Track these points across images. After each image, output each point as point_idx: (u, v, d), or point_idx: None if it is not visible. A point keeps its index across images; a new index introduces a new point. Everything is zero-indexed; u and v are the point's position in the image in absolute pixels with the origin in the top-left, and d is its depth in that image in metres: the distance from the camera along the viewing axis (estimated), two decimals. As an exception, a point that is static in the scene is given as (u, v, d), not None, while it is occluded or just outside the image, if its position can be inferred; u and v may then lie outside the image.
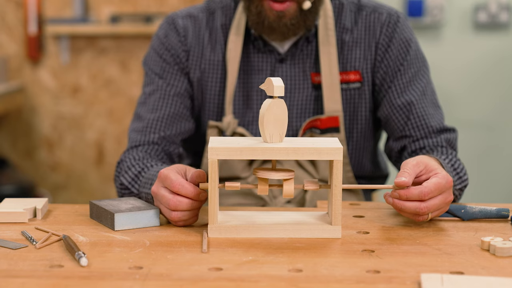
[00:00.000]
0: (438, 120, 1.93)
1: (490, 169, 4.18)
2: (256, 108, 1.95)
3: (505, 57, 4.14)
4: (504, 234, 1.51)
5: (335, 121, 1.93)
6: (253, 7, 1.88)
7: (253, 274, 1.29)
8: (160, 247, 1.43)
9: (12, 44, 4.20)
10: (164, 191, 1.55)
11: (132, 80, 4.19)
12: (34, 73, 4.21)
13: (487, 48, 4.14)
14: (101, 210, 1.58)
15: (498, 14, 4.07)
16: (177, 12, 2.03)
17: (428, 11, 4.07)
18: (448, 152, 1.87)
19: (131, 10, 4.14)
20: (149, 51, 2.02)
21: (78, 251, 1.35)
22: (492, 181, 4.18)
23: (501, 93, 4.17)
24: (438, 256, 1.39)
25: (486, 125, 4.18)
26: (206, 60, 1.97)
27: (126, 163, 1.83)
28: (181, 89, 1.96)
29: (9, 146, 4.27)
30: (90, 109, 4.23)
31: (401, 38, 1.97)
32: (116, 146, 4.24)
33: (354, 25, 1.98)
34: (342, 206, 1.53)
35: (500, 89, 4.16)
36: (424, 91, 1.95)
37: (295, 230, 1.51)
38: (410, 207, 1.51)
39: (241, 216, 1.57)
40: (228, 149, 1.48)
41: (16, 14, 4.17)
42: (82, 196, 4.25)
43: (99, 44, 4.18)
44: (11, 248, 1.42)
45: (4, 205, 1.64)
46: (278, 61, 1.96)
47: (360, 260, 1.36)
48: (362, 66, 1.96)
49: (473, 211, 1.63)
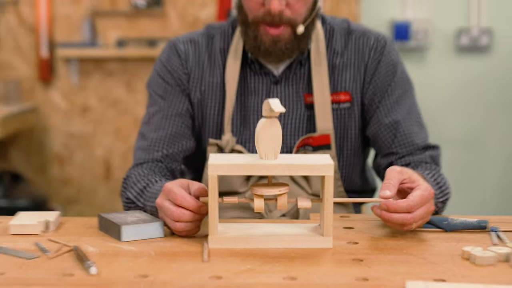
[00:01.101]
0: (422, 138, 1.94)
1: (473, 183, 4.18)
2: (253, 127, 1.95)
3: (486, 78, 4.15)
4: (484, 244, 1.51)
5: (327, 139, 1.94)
6: (250, 32, 1.88)
7: (250, 282, 1.30)
8: (164, 257, 1.44)
9: (25, 67, 4.20)
10: (168, 204, 1.55)
11: (137, 100, 4.19)
12: (46, 94, 4.21)
13: (469, 70, 4.15)
14: (109, 223, 1.59)
15: (479, 38, 4.09)
16: (178, 37, 2.03)
17: (414, 35, 4.08)
18: (432, 168, 1.88)
19: (136, 35, 4.15)
20: (152, 74, 2.02)
21: (88, 260, 1.36)
22: (473, 193, 4.18)
23: (482, 112, 4.17)
24: (422, 265, 1.40)
25: (467, 141, 4.18)
26: (205, 82, 1.98)
27: (132, 179, 1.83)
28: (182, 110, 1.96)
29: (23, 162, 4.27)
30: (98, 128, 4.23)
31: (388, 61, 1.97)
32: (122, 163, 4.24)
33: (344, 48, 1.99)
34: (333, 218, 1.53)
35: (481, 108, 4.17)
36: (410, 111, 1.96)
37: (290, 241, 1.51)
38: (398, 219, 1.51)
39: (239, 228, 1.57)
40: (227, 166, 1.49)
41: (29, 39, 4.18)
42: (91, 209, 4.25)
43: (107, 67, 4.19)
44: (25, 258, 1.43)
45: (18, 218, 1.64)
46: (273, 83, 1.97)
47: (350, 269, 1.37)
48: (352, 87, 1.97)
49: (454, 222, 1.63)
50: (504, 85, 4.15)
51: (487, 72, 4.15)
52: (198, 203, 1.53)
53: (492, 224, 1.65)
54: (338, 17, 2.05)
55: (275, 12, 1.81)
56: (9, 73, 4.20)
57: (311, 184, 1.94)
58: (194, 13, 4.13)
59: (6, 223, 1.65)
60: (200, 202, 1.53)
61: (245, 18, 1.89)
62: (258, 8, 1.84)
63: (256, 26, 1.86)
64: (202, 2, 4.12)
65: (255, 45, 1.89)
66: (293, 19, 1.85)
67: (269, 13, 1.82)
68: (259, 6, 1.84)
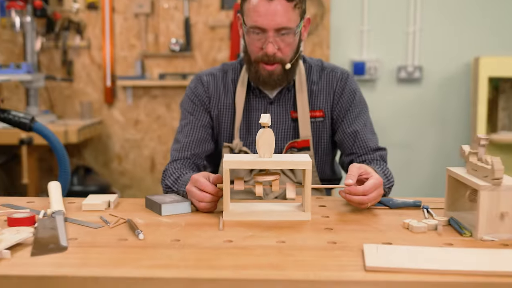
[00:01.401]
0: (374, 142, 1.93)
1: (410, 174, 4.18)
2: (255, 134, 1.94)
3: (418, 101, 4.15)
4: (418, 217, 1.50)
5: (307, 143, 1.93)
6: (252, 68, 1.88)
7: (253, 244, 1.29)
8: (191, 227, 1.43)
9: (95, 93, 4.20)
10: (195, 189, 1.55)
11: (173, 116, 4.18)
12: (109, 112, 4.21)
13: (406, 95, 4.15)
14: (153, 202, 1.58)
15: (413, 72, 4.08)
16: (202, 72, 2.03)
17: (367, 71, 4.07)
18: (381, 164, 1.87)
19: (172, 70, 4.14)
20: (184, 97, 2.02)
21: (138, 229, 1.36)
22: (410, 182, 4.17)
23: (416, 124, 4.17)
24: (374, 233, 1.39)
25: (406, 145, 4.18)
26: (221, 103, 1.97)
27: (169, 171, 1.82)
28: (205, 122, 1.95)
29: (92, 159, 4.26)
30: (145, 135, 4.22)
31: (350, 89, 1.97)
32: (163, 160, 4.23)
33: (319, 79, 1.98)
34: (311, 199, 1.53)
35: (415, 121, 4.17)
36: (365, 123, 1.95)
37: (280, 215, 1.50)
38: (357, 199, 1.51)
39: (244, 206, 1.57)
40: (237, 162, 1.49)
41: (98, 73, 4.17)
42: (141, 193, 4.24)
43: (152, 93, 4.18)
44: (93, 227, 1.42)
45: (88, 199, 1.64)
46: (269, 103, 1.96)
47: (323, 235, 1.36)
48: (325, 107, 1.96)
49: (397, 202, 1.63)
50: (431, 106, 4.15)
51: (419, 97, 4.15)
52: (216, 189, 1.52)
53: (424, 203, 1.64)
54: (314, 58, 2.05)
55: (270, 54, 1.81)
56: (84, 98, 4.20)
57: (296, 175, 1.93)
58: (213, 55, 4.13)
59: (80, 202, 1.64)
60: (217, 188, 1.52)
61: (249, 58, 1.88)
62: (258, 51, 1.84)
63: (256, 64, 1.86)
64: (219, 47, 4.11)
65: (256, 77, 1.88)
66: (283, 59, 1.84)
67: (266, 55, 1.82)
68: (258, 49, 1.83)
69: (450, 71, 4.11)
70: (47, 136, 2.20)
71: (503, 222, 1.30)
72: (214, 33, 4.10)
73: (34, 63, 3.82)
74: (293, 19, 1.79)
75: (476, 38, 4.06)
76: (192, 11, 4.09)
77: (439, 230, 1.38)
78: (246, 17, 1.82)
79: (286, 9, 1.76)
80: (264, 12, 1.76)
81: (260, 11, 1.76)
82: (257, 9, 1.77)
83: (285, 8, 1.76)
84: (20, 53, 4.11)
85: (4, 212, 1.52)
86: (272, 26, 1.77)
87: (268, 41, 1.79)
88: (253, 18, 1.78)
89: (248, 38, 1.84)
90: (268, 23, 1.76)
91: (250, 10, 1.79)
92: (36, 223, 1.41)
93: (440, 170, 4.14)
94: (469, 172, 1.42)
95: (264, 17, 1.76)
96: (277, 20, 1.76)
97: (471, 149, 1.43)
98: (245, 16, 1.83)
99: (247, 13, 1.81)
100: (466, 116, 4.11)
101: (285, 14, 1.76)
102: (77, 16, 4.12)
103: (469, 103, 4.09)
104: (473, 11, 4.05)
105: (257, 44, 1.82)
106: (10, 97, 4.19)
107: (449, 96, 4.13)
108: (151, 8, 4.07)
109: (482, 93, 3.71)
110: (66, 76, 4.15)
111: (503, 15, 4.04)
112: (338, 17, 4.09)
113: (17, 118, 2.19)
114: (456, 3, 4.04)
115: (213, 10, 4.08)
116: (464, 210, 1.48)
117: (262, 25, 1.77)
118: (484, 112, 3.71)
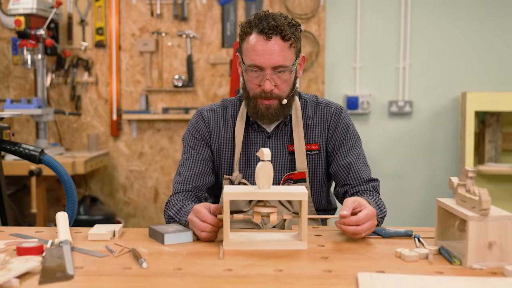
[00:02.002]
0: (367, 174, 1.93)
1: (401, 203, 4.17)
2: (253, 166, 1.94)
3: (408, 134, 4.16)
4: (410, 246, 1.50)
5: (303, 175, 1.93)
6: (251, 103, 1.88)
7: (252, 273, 1.29)
8: (193, 256, 1.43)
9: (102, 126, 4.21)
10: (196, 219, 1.55)
11: (176, 148, 4.19)
12: (115, 144, 4.21)
13: (397, 128, 4.16)
14: (156, 232, 1.58)
15: (403, 107, 4.10)
16: (203, 107, 2.03)
17: (360, 105, 4.09)
18: (374, 195, 1.87)
19: (175, 105, 4.16)
20: (186, 132, 2.01)
21: (141, 258, 1.35)
22: (402, 211, 4.16)
23: (407, 156, 4.17)
24: (368, 261, 1.38)
25: (397, 175, 4.18)
26: (221, 137, 1.97)
27: (172, 203, 1.82)
28: (205, 156, 1.95)
29: (98, 189, 4.25)
30: (149, 166, 4.22)
31: (343, 123, 1.97)
32: (166, 190, 4.22)
33: (314, 114, 1.98)
34: (307, 229, 1.52)
35: (406, 153, 4.17)
36: (358, 156, 1.95)
37: (278, 245, 1.50)
38: (351, 230, 1.51)
39: (244, 236, 1.56)
40: (236, 194, 1.49)
41: (104, 107, 4.19)
42: (145, 221, 4.22)
43: (156, 126, 4.19)
44: (99, 256, 1.42)
45: (94, 229, 1.64)
46: (267, 137, 1.96)
47: (319, 264, 1.36)
48: (320, 140, 1.96)
49: (389, 231, 1.62)
50: (421, 138, 4.16)
51: (410, 130, 4.16)
52: (216, 220, 1.52)
53: (415, 233, 1.64)
54: (309, 94, 2.06)
55: (267, 90, 1.82)
56: (91, 130, 4.21)
57: (293, 205, 1.92)
58: (214, 90, 4.15)
59: (86, 232, 1.64)
60: (218, 219, 1.52)
61: (247, 95, 1.89)
62: (256, 88, 1.85)
63: (255, 99, 1.87)
64: (219, 83, 4.14)
65: (254, 112, 1.89)
66: (280, 95, 1.85)
67: (264, 91, 1.83)
68: (256, 86, 1.84)
69: (439, 106, 4.13)
70: (55, 168, 2.21)
71: (491, 251, 1.30)
72: (215, 70, 4.13)
73: (44, 98, 3.85)
74: (289, 58, 1.81)
75: (463, 74, 4.10)
76: (194, 49, 4.13)
77: (430, 258, 1.37)
78: (245, 56, 1.84)
79: (282, 48, 1.79)
80: (262, 51, 1.78)
81: (258, 51, 1.78)
82: (255, 49, 1.79)
83: (281, 48, 1.78)
84: (31, 88, 4.13)
85: (14, 242, 1.52)
86: (269, 64, 1.79)
87: (265, 78, 1.81)
88: (251, 57, 1.80)
89: (247, 76, 1.86)
90: (265, 61, 1.78)
91: (248, 49, 1.81)
92: (44, 252, 1.41)
93: (431, 200, 4.13)
94: (458, 203, 1.42)
95: (261, 56, 1.78)
96: (274, 59, 1.78)
97: (460, 180, 1.44)
98: (243, 55, 1.85)
99: (246, 52, 1.83)
100: (455, 148, 4.13)
101: (281, 53, 1.79)
102: (86, 53, 4.16)
103: (457, 136, 4.10)
104: (460, 49, 4.09)
105: (255, 81, 1.84)
106: (21, 130, 4.21)
107: (438, 129, 4.15)
108: (156, 46, 4.11)
109: (470, 126, 3.73)
110: (75, 110, 4.17)
111: (488, 52, 4.08)
112: (332, 55, 4.14)
113: (27, 151, 2.20)
114: (444, 40, 4.09)
115: (214, 48, 4.12)
116: (453, 240, 1.48)
117: (260, 63, 1.79)
118: (471, 144, 3.72)
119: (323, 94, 4.06)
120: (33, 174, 3.45)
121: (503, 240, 1.30)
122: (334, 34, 4.12)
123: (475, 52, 4.08)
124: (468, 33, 4.08)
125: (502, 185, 4.07)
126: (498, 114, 4.00)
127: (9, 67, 4.17)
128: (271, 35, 1.77)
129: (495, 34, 4.07)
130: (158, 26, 4.13)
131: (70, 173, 3.46)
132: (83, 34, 4.14)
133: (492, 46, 4.08)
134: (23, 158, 2.22)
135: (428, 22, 4.09)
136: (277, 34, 1.78)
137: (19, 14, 3.59)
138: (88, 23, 4.15)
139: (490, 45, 4.08)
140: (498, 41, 4.07)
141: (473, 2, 4.07)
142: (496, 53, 4.08)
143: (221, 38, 4.11)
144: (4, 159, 3.47)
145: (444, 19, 4.08)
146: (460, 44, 4.09)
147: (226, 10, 4.08)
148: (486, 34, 4.07)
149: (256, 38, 1.79)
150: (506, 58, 4.08)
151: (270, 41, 1.77)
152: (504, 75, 4.09)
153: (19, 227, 1.74)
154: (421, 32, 4.09)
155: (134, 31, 4.14)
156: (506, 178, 4.06)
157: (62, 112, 3.93)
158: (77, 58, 4.13)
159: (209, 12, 4.10)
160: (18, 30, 3.59)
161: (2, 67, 4.17)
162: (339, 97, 4.12)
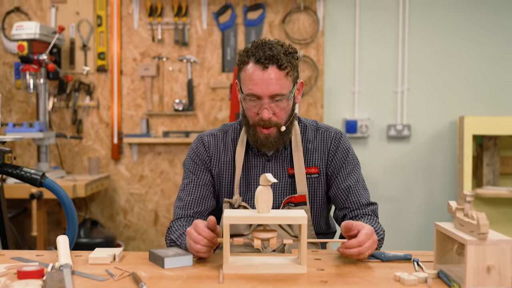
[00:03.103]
0: (366, 197, 1.94)
1: (400, 226, 4.16)
2: (253, 190, 1.94)
3: (406, 157, 4.17)
4: (409, 270, 1.50)
5: (303, 198, 1.93)
6: (250, 130, 1.89)
7: (251, 297, 1.28)
8: (193, 279, 1.42)
9: (102, 149, 4.22)
10: (193, 231, 1.57)
11: (176, 172, 4.19)
12: (116, 167, 4.22)
13: (396, 152, 4.17)
14: (156, 255, 1.58)
15: (402, 130, 4.12)
16: (204, 133, 2.04)
17: (359, 129, 4.11)
18: (372, 218, 1.87)
19: (176, 128, 4.18)
20: (186, 157, 2.02)
21: (141, 282, 1.35)
22: (401, 233, 4.15)
23: (405, 179, 4.18)
24: (367, 285, 1.38)
25: (396, 198, 4.17)
26: (221, 161, 1.97)
27: (174, 228, 1.83)
28: (206, 181, 1.95)
29: (99, 212, 4.24)
30: (150, 190, 4.22)
31: (343, 147, 1.98)
32: (166, 213, 4.21)
33: (314, 138, 1.99)
34: (307, 252, 1.52)
35: (404, 177, 4.18)
36: (358, 180, 1.96)
37: (277, 268, 1.50)
38: (355, 252, 1.55)
39: (244, 259, 1.56)
40: (236, 217, 1.49)
41: (105, 131, 4.21)
42: (145, 245, 4.20)
43: (156, 149, 4.20)
44: (99, 280, 1.41)
45: (95, 252, 1.63)
46: (267, 161, 1.97)
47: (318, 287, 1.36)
48: (319, 164, 1.97)
49: (388, 255, 1.62)
50: (419, 162, 4.17)
51: (408, 153, 4.17)
52: (212, 234, 1.55)
53: (414, 256, 1.63)
54: (309, 118, 2.07)
55: (266, 119, 1.83)
56: (92, 154, 4.22)
57: (292, 229, 1.92)
58: (214, 114, 4.17)
59: (87, 255, 1.64)
60: (213, 234, 1.54)
61: (247, 122, 1.90)
62: (254, 116, 1.86)
63: (254, 127, 1.88)
64: (220, 107, 4.16)
65: (254, 139, 1.90)
66: (278, 122, 1.86)
67: (262, 120, 1.84)
68: (255, 114, 1.86)
69: (437, 129, 4.15)
70: (56, 191, 2.21)
71: (490, 275, 1.30)
72: (215, 94, 4.15)
73: (46, 121, 3.86)
74: (286, 86, 1.82)
75: (460, 98, 4.12)
76: (194, 73, 4.16)
77: (429, 282, 1.37)
78: (243, 85, 1.85)
79: (279, 77, 1.80)
80: (259, 81, 1.80)
81: (255, 80, 1.80)
82: (252, 78, 1.81)
83: (278, 77, 1.80)
84: (33, 112, 4.15)
85: (14, 265, 1.52)
86: (267, 93, 1.80)
87: (263, 107, 1.82)
88: (249, 86, 1.82)
89: (245, 104, 1.87)
90: (262, 91, 1.80)
91: (246, 78, 1.83)
92: (45, 276, 1.40)
93: (429, 223, 4.12)
94: (456, 227, 1.42)
95: (259, 86, 1.80)
96: (271, 88, 1.80)
97: (458, 204, 1.44)
98: (241, 84, 1.86)
99: (244, 81, 1.85)
100: (453, 171, 4.13)
101: (278, 82, 1.80)
102: (87, 78, 4.19)
103: (455, 159, 4.11)
104: (457, 73, 4.12)
105: (253, 110, 1.85)
106: (23, 153, 4.21)
107: (436, 153, 4.15)
108: (157, 71, 4.14)
109: (467, 150, 3.74)
110: (76, 134, 4.18)
111: (485, 76, 4.11)
112: (331, 79, 4.16)
113: (29, 175, 2.20)
114: (441, 64, 4.13)
115: (214, 72, 4.15)
116: (452, 263, 1.48)
117: (257, 92, 1.81)
118: (469, 167, 3.73)
119: (322, 118, 4.08)
120: (34, 197, 3.44)
121: (502, 264, 1.30)
122: (333, 58, 4.16)
123: (472, 77, 4.12)
124: (465, 58, 4.11)
125: (500, 208, 4.07)
126: (496, 138, 4.01)
127: (11, 91, 4.19)
128: (267, 65, 1.79)
129: (492, 59, 4.11)
130: (159, 51, 4.16)
131: (71, 196, 3.45)
132: (85, 59, 4.17)
133: (489, 71, 4.11)
134: (25, 181, 2.22)
135: (426, 47, 4.12)
136: (274, 64, 1.79)
137: (22, 40, 3.62)
138: (90, 48, 4.18)
139: (487, 69, 4.11)
140: (495, 66, 4.11)
141: (469, 27, 4.11)
142: (493, 77, 4.11)
143: (221, 63, 4.14)
144: (5, 182, 3.47)
145: (441, 44, 4.12)
146: (457, 69, 4.12)
147: (226, 36, 4.12)
148: (483, 59, 4.11)
149: (253, 67, 1.81)
150: (503, 83, 4.11)
151: (266, 70, 1.79)
152: (501, 99, 4.11)
153: (20, 250, 1.74)
154: (418, 56, 4.13)
155: (135, 56, 4.18)
156: (504, 201, 4.05)
157: (64, 136, 3.95)
158: (79, 83, 4.16)
159: (209, 37, 4.14)
160: (21, 55, 3.62)
161: (5, 91, 4.19)
162: (338, 120, 4.14)
